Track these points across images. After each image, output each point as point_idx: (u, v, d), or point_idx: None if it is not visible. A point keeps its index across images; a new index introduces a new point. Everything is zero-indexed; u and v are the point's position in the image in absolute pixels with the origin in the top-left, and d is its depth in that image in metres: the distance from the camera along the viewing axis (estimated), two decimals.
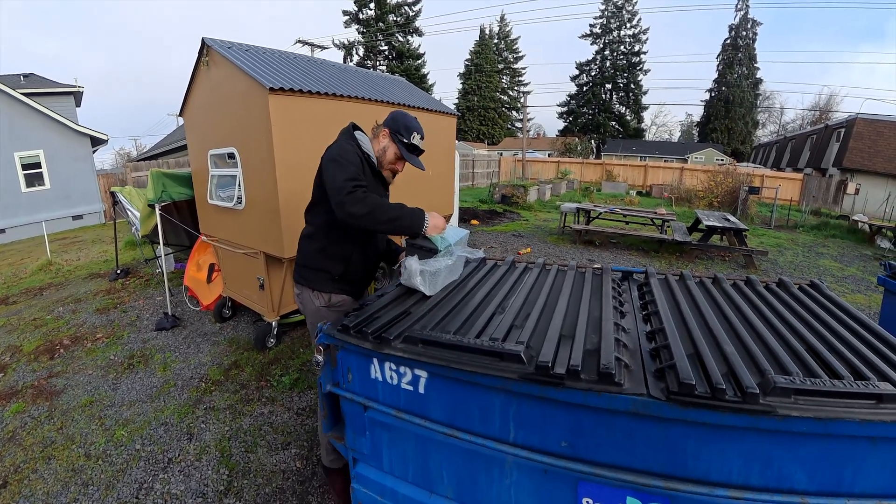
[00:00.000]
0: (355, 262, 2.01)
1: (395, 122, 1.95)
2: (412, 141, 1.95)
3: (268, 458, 2.56)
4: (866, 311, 5.16)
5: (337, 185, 1.72)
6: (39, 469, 2.51)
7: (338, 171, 1.76)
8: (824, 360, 1.29)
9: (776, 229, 11.13)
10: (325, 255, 1.98)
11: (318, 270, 2.00)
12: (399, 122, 1.95)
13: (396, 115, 1.98)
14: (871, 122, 18.45)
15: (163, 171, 4.57)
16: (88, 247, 9.23)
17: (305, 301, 2.06)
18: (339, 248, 1.97)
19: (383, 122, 2.00)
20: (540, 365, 1.20)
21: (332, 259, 1.98)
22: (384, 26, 32.85)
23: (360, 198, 1.68)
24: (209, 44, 3.59)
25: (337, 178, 1.73)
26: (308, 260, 2.02)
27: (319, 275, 2.00)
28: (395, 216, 1.74)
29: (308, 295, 2.04)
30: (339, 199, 1.69)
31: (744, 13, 41.19)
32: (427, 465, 1.46)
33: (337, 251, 1.97)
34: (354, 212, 1.67)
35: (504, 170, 22.97)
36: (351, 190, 1.69)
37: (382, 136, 1.98)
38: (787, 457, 1.08)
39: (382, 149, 1.98)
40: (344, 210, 1.69)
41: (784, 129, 45.40)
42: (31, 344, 4.22)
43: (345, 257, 1.98)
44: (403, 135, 1.94)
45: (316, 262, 2.00)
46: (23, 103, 11.62)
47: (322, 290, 2.01)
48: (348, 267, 2.00)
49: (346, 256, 1.98)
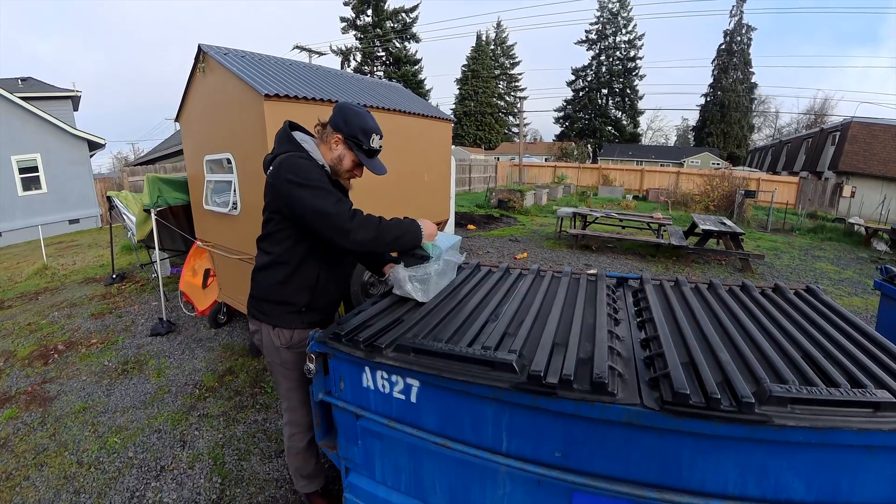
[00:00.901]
0: (322, 288, 1.78)
1: (347, 125, 1.66)
2: (371, 145, 1.68)
3: (261, 466, 2.53)
4: (863, 314, 5.16)
5: (330, 212, 1.51)
6: (31, 476, 2.48)
7: (316, 197, 1.53)
8: (821, 367, 1.28)
9: (773, 233, 11.16)
10: (288, 286, 1.73)
11: (280, 304, 1.75)
12: (353, 125, 1.65)
13: (348, 115, 1.67)
14: (866, 125, 18.57)
15: (159, 176, 4.55)
16: (84, 251, 9.19)
17: (264, 338, 1.81)
18: (303, 276, 1.73)
19: (329, 122, 1.70)
20: (532, 374, 1.18)
21: (295, 289, 1.74)
22: (381, 32, 33.01)
23: (363, 222, 1.53)
24: (206, 50, 3.59)
25: (324, 205, 1.51)
26: (266, 293, 1.76)
27: (281, 308, 1.75)
28: (399, 234, 1.62)
29: (267, 332, 1.78)
30: (342, 227, 1.51)
31: (738, 19, 41.52)
32: (420, 474, 1.44)
33: (301, 280, 1.73)
34: (362, 239, 1.51)
35: (501, 174, 23.01)
36: (352, 215, 1.52)
37: (335, 143, 1.69)
38: (784, 467, 1.07)
39: (337, 157, 1.70)
40: (349, 238, 1.51)
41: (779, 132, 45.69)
42: (25, 349, 4.19)
43: (310, 285, 1.75)
44: (362, 140, 1.66)
45: (277, 295, 1.74)
46: (20, 107, 11.60)
47: (284, 325, 1.76)
48: (314, 295, 1.77)
49: (311, 284, 1.75)
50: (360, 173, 1.79)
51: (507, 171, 23.37)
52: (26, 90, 14.12)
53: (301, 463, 1.96)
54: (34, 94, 14.02)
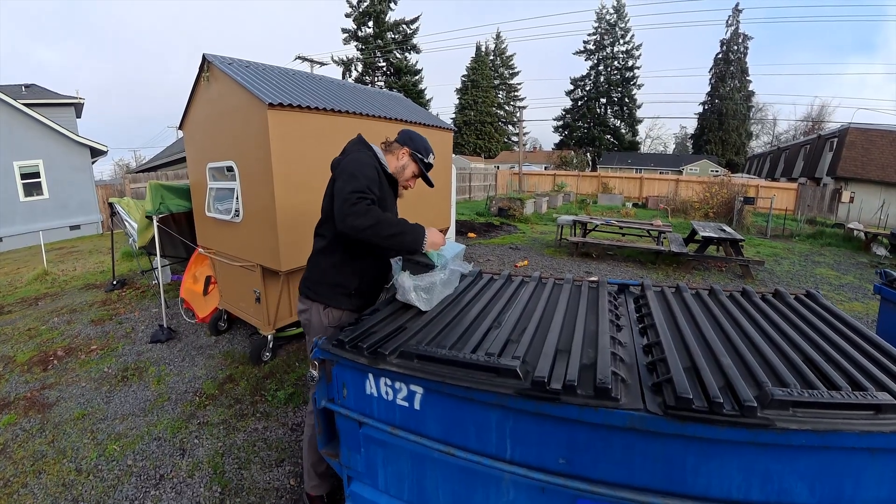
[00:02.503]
0: (369, 276, 1.99)
1: (413, 142, 2.00)
2: (429, 160, 2.02)
3: (261, 475, 2.51)
4: (864, 318, 5.16)
5: (343, 195, 1.67)
6: (29, 483, 2.46)
7: (348, 182, 1.71)
8: (822, 371, 1.29)
9: (772, 239, 11.19)
10: (340, 270, 1.93)
11: (333, 286, 1.94)
12: (418, 143, 2.00)
13: (414, 137, 2.02)
14: (864, 131, 18.68)
15: (161, 183, 4.57)
16: (85, 257, 9.18)
17: (312, 317, 1.98)
18: (353, 261, 1.94)
19: (398, 140, 2.02)
20: (536, 380, 1.19)
21: (346, 273, 1.94)
22: (382, 43, 33.28)
23: (363, 210, 1.63)
24: (210, 59, 3.63)
25: (345, 188, 1.68)
26: (321, 275, 1.95)
27: (334, 290, 1.94)
28: (397, 231, 1.68)
29: (317, 311, 1.96)
30: (342, 209, 1.65)
31: (734, 28, 42.00)
32: (423, 483, 1.43)
33: (352, 265, 1.94)
34: (357, 224, 1.62)
35: (501, 183, 23.10)
36: (355, 202, 1.64)
37: (402, 154, 2.00)
38: (787, 470, 1.07)
39: (402, 166, 2.01)
40: (346, 222, 1.63)
41: (777, 139, 45.94)
42: (24, 354, 4.17)
43: (360, 271, 1.96)
44: (423, 155, 2.00)
45: (330, 277, 1.94)
46: (23, 113, 11.67)
47: (335, 306, 1.94)
48: (362, 281, 1.97)
49: (361, 270, 1.96)
50: (413, 184, 2.10)
51: (506, 180, 23.47)
52: (30, 97, 14.22)
53: (318, 458, 1.96)
54: (37, 100, 14.11)
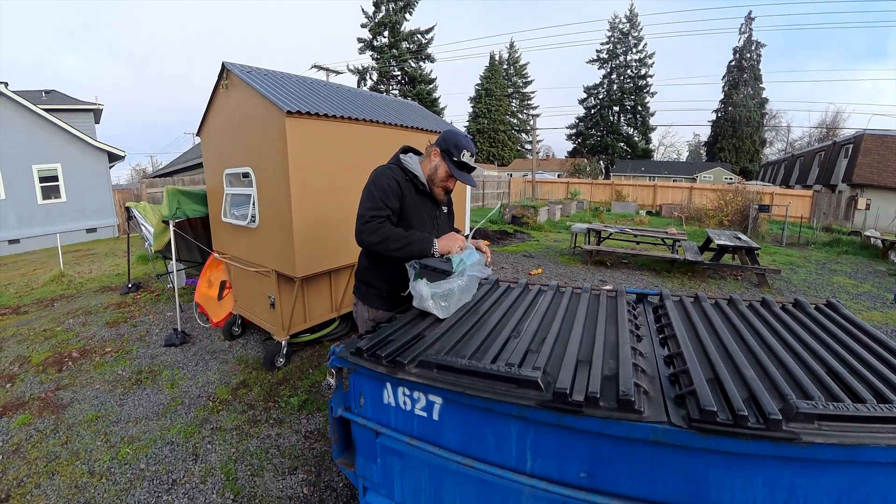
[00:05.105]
0: (398, 279, 2.02)
1: (444, 141, 2.02)
2: (462, 159, 2.00)
3: (274, 482, 2.51)
4: (884, 328, 5.03)
5: (359, 213, 1.88)
6: (42, 484, 2.49)
7: (365, 199, 1.91)
8: (846, 382, 1.26)
9: (788, 247, 10.99)
10: (373, 271, 2.09)
11: (368, 286, 2.11)
12: (449, 141, 2.01)
13: (447, 135, 2.04)
14: (879, 137, 18.38)
15: (178, 188, 4.65)
16: (101, 260, 9.35)
17: (360, 312, 2.17)
18: (381, 265, 2.05)
19: (435, 142, 2.08)
20: (558, 392, 1.17)
21: (378, 275, 2.08)
22: (397, 53, 33.56)
23: (373, 228, 1.83)
24: (229, 67, 3.70)
25: (361, 206, 1.90)
26: (361, 274, 2.15)
27: (369, 289, 2.11)
28: (404, 244, 1.85)
29: (361, 307, 2.15)
30: (357, 227, 1.86)
31: (747, 36, 41.74)
32: (440, 495, 1.41)
33: (381, 268, 2.06)
34: (370, 240, 1.84)
35: (514, 190, 23.09)
36: (368, 220, 1.84)
37: (434, 155, 2.04)
38: (813, 485, 1.05)
39: (434, 167, 2.03)
40: (360, 238, 1.86)
41: (792, 146, 45.33)
42: (39, 355, 4.24)
43: (390, 275, 2.04)
44: (453, 153, 2.00)
45: (365, 277, 2.12)
46: (43, 118, 11.98)
47: (371, 305, 2.11)
48: (393, 285, 2.05)
49: (391, 273, 2.03)
50: (452, 184, 2.10)
51: (520, 187, 23.46)
52: (49, 102, 14.61)
53: None
54: (57, 105, 14.50)
